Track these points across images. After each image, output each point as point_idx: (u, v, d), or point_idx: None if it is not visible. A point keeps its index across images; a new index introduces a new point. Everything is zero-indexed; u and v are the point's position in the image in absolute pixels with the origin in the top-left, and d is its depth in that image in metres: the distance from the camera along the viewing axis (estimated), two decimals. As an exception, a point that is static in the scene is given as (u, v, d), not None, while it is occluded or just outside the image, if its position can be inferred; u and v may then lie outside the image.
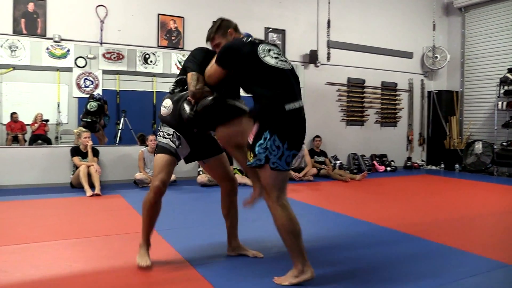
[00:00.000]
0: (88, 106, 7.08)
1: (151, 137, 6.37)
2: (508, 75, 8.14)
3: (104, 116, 7.36)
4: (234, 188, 2.97)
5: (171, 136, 2.73)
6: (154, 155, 2.82)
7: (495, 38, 8.92)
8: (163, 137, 2.75)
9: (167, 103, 2.72)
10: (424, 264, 2.87)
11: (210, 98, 2.53)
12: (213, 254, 3.01)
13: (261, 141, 2.36)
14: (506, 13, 8.71)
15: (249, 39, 2.56)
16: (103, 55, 7.24)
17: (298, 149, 2.46)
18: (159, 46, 6.95)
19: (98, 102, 7.17)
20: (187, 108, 2.59)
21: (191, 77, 2.58)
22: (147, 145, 6.38)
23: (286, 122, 2.37)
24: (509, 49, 8.62)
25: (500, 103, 8.35)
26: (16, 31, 6.01)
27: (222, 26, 2.69)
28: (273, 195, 2.44)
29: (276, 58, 2.48)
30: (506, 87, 8.32)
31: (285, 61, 2.54)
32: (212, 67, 2.55)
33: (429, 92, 9.70)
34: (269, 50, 2.51)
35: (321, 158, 7.73)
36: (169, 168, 2.70)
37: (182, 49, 7.11)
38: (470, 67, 9.49)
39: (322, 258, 2.93)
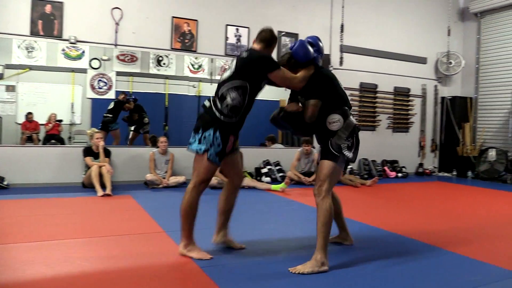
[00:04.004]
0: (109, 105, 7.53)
1: (162, 139, 6.44)
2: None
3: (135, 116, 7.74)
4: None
5: None
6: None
7: (511, 44, 8.84)
8: None
9: None
10: (436, 273, 2.87)
11: None
12: (223, 257, 3.05)
13: None
14: (523, 20, 8.64)
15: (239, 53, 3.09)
16: (117, 57, 7.35)
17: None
18: (172, 49, 7.03)
19: (119, 100, 7.57)
20: None
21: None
22: (158, 147, 6.44)
23: None
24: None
25: (514, 110, 8.27)
26: (33, 32, 6.13)
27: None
28: (193, 180, 3.01)
29: (227, 71, 3.01)
30: (521, 94, 8.25)
31: (229, 70, 2.99)
32: None
33: (443, 98, 9.64)
34: (232, 62, 3.04)
35: (332, 163, 7.71)
36: None
37: (195, 52, 7.18)
38: (485, 74, 9.41)
39: (332, 263, 2.95)
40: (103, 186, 5.60)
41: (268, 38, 3.08)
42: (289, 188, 6.40)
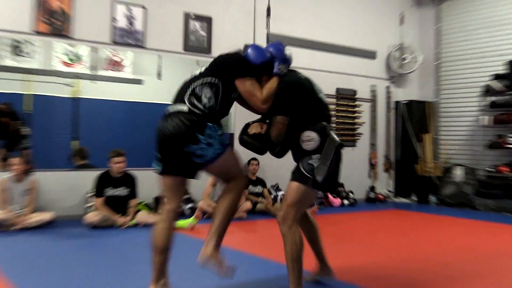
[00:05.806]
0: None
1: (15, 160, 6.07)
2: (492, 83, 8.57)
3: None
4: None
5: None
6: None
7: (477, 35, 9.41)
8: None
9: None
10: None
11: None
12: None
13: None
14: (490, 5, 9.22)
15: None
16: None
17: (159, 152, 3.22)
18: (36, 32, 6.70)
19: None
20: None
21: None
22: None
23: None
24: (493, 50, 9.08)
25: (483, 118, 8.79)
26: None
27: None
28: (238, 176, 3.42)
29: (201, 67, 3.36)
30: (490, 98, 8.80)
31: (203, 67, 3.34)
32: None
33: (397, 103, 10.11)
34: None
35: (258, 189, 7.74)
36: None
37: (69, 37, 6.90)
38: (446, 72, 10.01)
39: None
40: None
41: None
42: (200, 224, 6.29)
